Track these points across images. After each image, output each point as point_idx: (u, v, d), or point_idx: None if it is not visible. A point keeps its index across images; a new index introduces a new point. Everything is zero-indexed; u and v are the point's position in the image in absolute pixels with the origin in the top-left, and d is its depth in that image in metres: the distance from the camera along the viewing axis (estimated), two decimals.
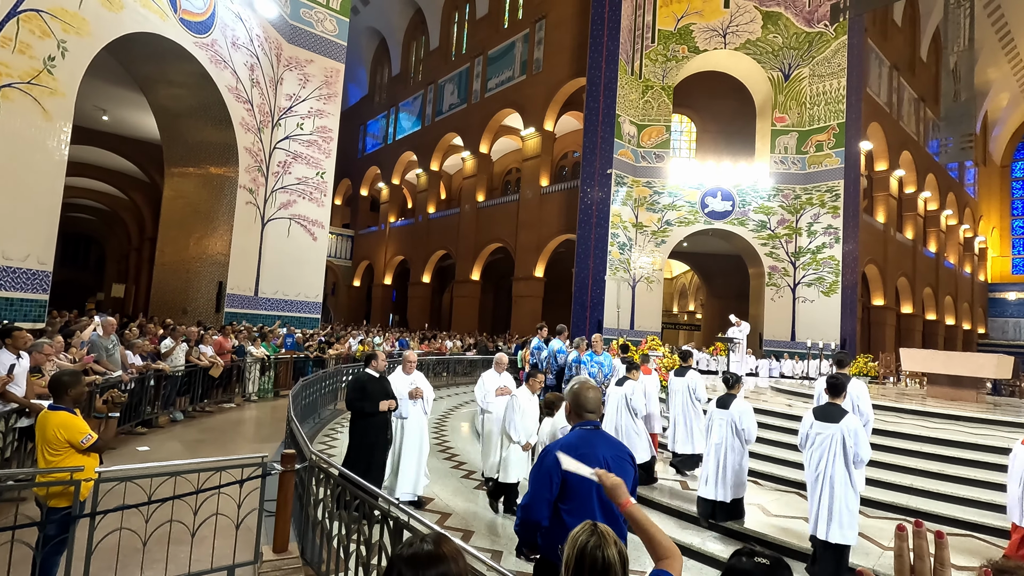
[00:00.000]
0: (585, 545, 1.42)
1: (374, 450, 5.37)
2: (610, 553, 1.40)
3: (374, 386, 5.42)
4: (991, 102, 33.67)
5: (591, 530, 1.46)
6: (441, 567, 1.12)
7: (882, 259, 23.36)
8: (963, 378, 9.72)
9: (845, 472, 4.18)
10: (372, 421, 5.35)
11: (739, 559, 1.44)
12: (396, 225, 32.60)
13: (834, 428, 4.28)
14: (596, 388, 2.73)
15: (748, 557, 1.43)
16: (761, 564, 1.39)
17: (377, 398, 5.33)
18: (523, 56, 24.14)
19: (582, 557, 1.41)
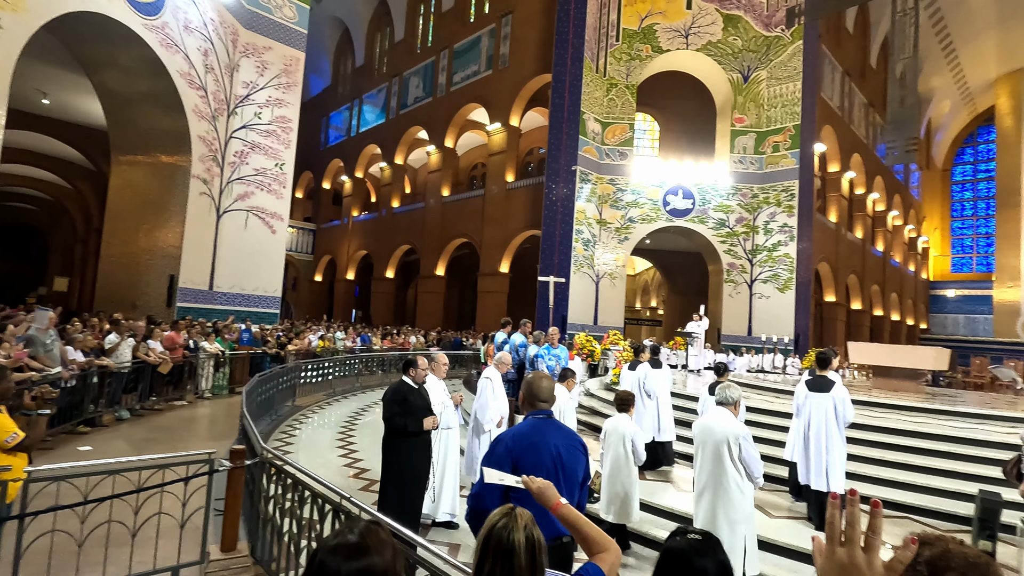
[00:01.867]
0: (494, 525, 1.42)
1: (418, 481, 4.57)
2: (516, 537, 1.38)
3: (416, 399, 4.49)
4: (934, 109, 35.38)
5: (507, 513, 1.45)
6: (365, 560, 1.04)
7: (834, 257, 24.30)
8: (905, 370, 10.21)
9: (837, 432, 4.98)
10: (414, 443, 4.52)
11: (673, 539, 1.48)
12: (359, 219, 32.03)
13: (826, 396, 5.09)
14: (550, 378, 2.74)
15: (681, 536, 1.47)
16: (694, 540, 1.43)
17: (420, 414, 4.50)
18: (489, 51, 24.02)
19: (488, 537, 1.41)
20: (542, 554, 1.44)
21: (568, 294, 18.43)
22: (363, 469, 6.81)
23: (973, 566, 1.13)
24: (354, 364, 14.14)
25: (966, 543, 1.21)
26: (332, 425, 9.30)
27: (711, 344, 17.52)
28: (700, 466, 3.94)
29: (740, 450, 3.75)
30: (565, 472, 2.62)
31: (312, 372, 12.27)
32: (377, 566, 1.04)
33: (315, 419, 9.82)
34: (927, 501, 5.73)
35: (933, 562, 1.19)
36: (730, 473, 3.75)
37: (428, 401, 4.68)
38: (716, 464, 3.81)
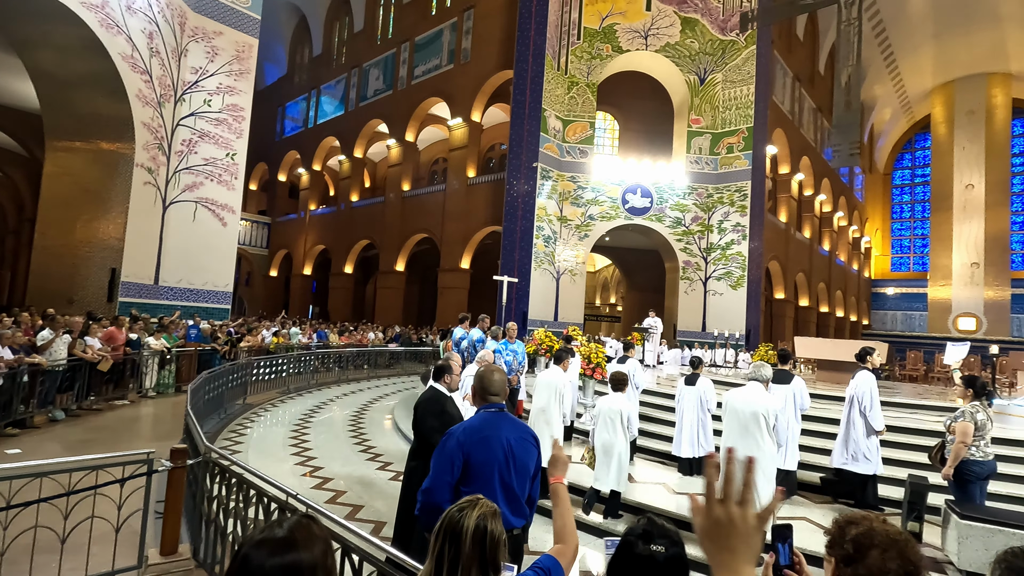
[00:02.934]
0: (453, 509, 1.45)
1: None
2: (467, 522, 1.40)
3: (453, 409, 4.04)
4: (876, 115, 37.21)
5: (471, 501, 1.47)
6: (291, 555, 0.99)
7: (783, 256, 25.25)
8: (847, 363, 10.69)
9: (795, 418, 5.77)
10: None
11: (635, 542, 1.36)
12: (317, 213, 31.25)
13: (787, 388, 5.91)
14: (501, 371, 2.73)
15: (645, 542, 1.35)
16: (659, 554, 1.33)
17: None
18: (451, 45, 23.79)
19: (444, 518, 1.45)
20: (495, 547, 1.43)
21: (529, 290, 18.51)
22: (317, 467, 6.66)
23: (893, 542, 1.20)
24: (310, 361, 13.81)
25: (888, 522, 1.29)
26: (285, 423, 9.05)
27: (666, 339, 17.95)
28: (731, 432, 4.75)
29: (776, 421, 4.63)
30: (516, 465, 2.63)
31: (265, 369, 11.90)
32: (304, 562, 0.99)
33: (267, 417, 9.53)
34: None
35: (858, 539, 1.25)
36: (762, 440, 4.54)
37: (460, 411, 4.18)
38: (748, 432, 4.57)
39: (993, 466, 4.60)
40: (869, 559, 1.20)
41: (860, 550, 1.22)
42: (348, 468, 6.70)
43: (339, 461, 6.98)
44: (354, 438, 8.32)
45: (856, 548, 1.22)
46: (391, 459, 7.28)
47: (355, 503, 5.50)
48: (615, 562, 1.40)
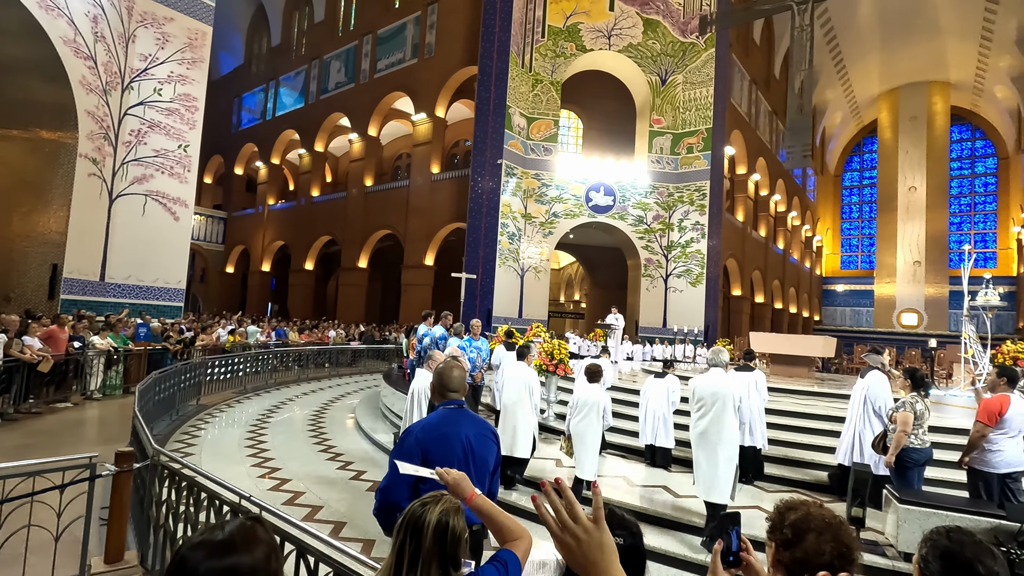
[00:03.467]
0: (415, 506, 1.45)
1: None
2: (428, 517, 1.41)
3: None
4: (828, 119, 38.75)
5: (435, 496, 1.48)
6: (229, 558, 0.95)
7: (740, 254, 26.03)
8: (798, 357, 11.14)
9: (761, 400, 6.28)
10: None
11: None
12: (276, 208, 30.41)
13: (750, 376, 6.47)
14: (461, 367, 2.72)
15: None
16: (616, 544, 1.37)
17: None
18: (415, 39, 23.51)
19: (406, 514, 1.44)
20: (456, 542, 1.44)
21: (493, 287, 18.51)
22: (274, 468, 6.49)
23: (828, 526, 1.27)
24: (268, 360, 13.44)
25: (824, 507, 1.35)
26: (242, 424, 8.79)
27: (628, 336, 18.25)
28: (701, 416, 4.88)
29: (740, 402, 4.91)
30: (476, 462, 2.62)
31: (221, 369, 11.52)
32: (242, 566, 0.95)
33: (223, 418, 9.24)
34: (813, 476, 6.31)
35: (796, 524, 1.31)
36: (730, 421, 4.77)
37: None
38: (715, 413, 4.78)
39: (930, 453, 4.86)
40: (806, 543, 1.27)
41: (798, 534, 1.28)
42: (307, 468, 6.56)
43: (298, 461, 6.83)
44: (314, 438, 8.16)
45: (794, 533, 1.29)
46: (352, 459, 7.17)
47: (314, 504, 5.39)
48: None
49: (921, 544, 1.33)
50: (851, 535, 1.29)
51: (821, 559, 1.25)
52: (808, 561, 1.26)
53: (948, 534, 1.30)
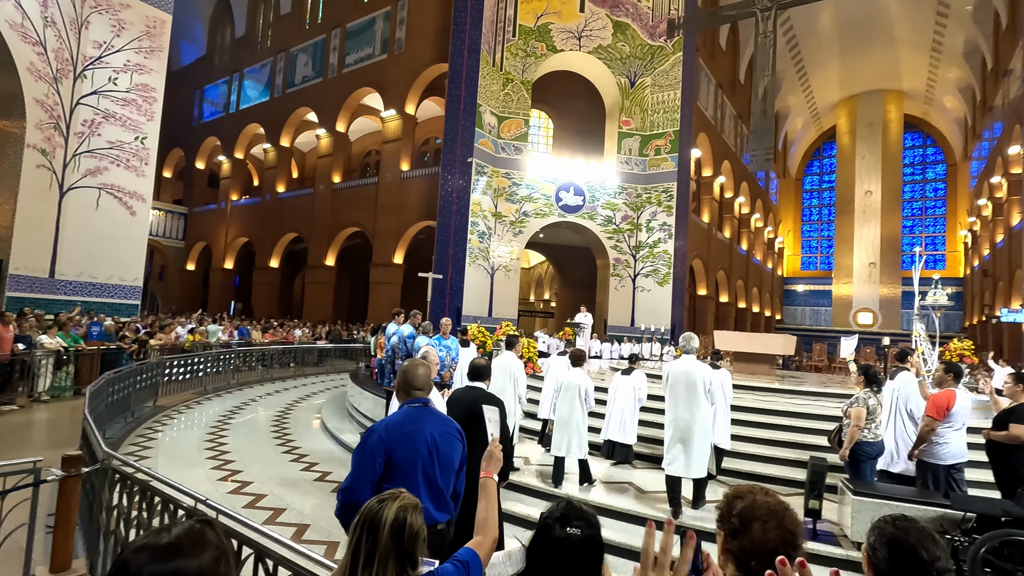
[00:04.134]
0: (372, 502, 1.44)
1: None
2: (385, 514, 1.39)
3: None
4: (789, 124, 39.93)
5: (393, 493, 1.46)
6: (174, 562, 0.90)
7: (706, 254, 26.60)
8: (760, 355, 11.44)
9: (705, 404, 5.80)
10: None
11: (552, 526, 1.39)
12: (239, 204, 29.60)
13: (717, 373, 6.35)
14: (426, 365, 2.69)
15: (561, 525, 1.38)
16: (573, 536, 1.36)
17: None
18: (384, 35, 23.21)
19: (363, 511, 1.43)
20: (414, 540, 1.43)
21: (463, 286, 18.44)
22: (235, 471, 6.31)
23: (773, 513, 1.31)
24: (230, 359, 13.07)
25: (771, 493, 1.39)
26: (201, 426, 8.52)
27: (597, 334, 18.44)
28: (675, 398, 5.23)
29: (711, 385, 5.23)
30: (441, 460, 2.60)
31: (180, 369, 11.14)
32: (188, 570, 0.90)
33: (181, 420, 8.94)
34: (774, 470, 6.49)
35: (743, 513, 1.35)
36: (702, 402, 5.13)
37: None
38: (691, 396, 5.15)
39: (882, 447, 5.06)
40: (752, 531, 1.30)
41: (745, 523, 1.32)
42: (270, 471, 6.40)
43: (260, 464, 6.66)
44: (278, 439, 7.97)
45: (741, 522, 1.32)
46: (318, 459, 7.04)
47: (276, 507, 5.26)
48: (534, 545, 1.43)
49: (869, 532, 1.38)
50: (796, 521, 1.33)
51: (767, 546, 1.28)
52: (755, 549, 1.29)
53: (894, 522, 1.35)
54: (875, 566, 1.34)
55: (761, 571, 1.28)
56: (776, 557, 1.21)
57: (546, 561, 1.40)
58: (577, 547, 1.36)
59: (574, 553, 1.36)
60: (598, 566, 1.41)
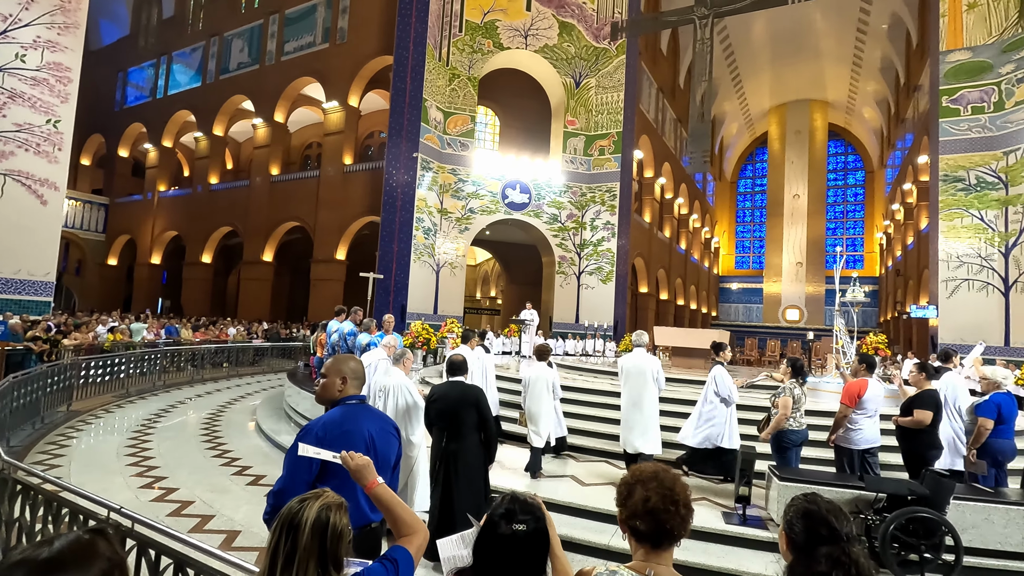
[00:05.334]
0: (293, 502, 1.38)
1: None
2: (306, 514, 1.34)
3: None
4: (725, 129, 41.71)
5: (312, 493, 1.41)
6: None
7: (647, 253, 27.40)
8: (696, 349, 11.91)
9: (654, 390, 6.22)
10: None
11: (498, 522, 1.40)
12: (168, 195, 27.92)
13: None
14: (357, 360, 2.61)
15: (507, 521, 1.39)
16: (520, 531, 1.37)
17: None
18: (326, 23, 22.47)
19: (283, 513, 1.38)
20: (337, 540, 1.38)
21: (407, 283, 18.16)
22: (159, 478, 5.94)
23: (653, 475, 1.41)
24: (156, 360, 12.30)
25: (660, 464, 1.49)
26: (122, 431, 7.97)
27: (543, 331, 18.63)
28: (628, 386, 5.99)
29: (659, 374, 6.01)
30: (379, 458, 2.54)
31: (98, 370, 10.37)
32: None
33: (99, 425, 8.33)
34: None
35: (627, 481, 1.45)
36: (649, 389, 5.92)
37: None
38: (642, 385, 5.91)
39: (806, 434, 5.37)
40: (635, 495, 1.39)
41: (630, 490, 1.40)
42: (198, 476, 6.07)
43: (187, 469, 6.30)
44: (208, 443, 7.57)
45: (628, 489, 1.40)
46: (251, 463, 6.73)
47: (204, 514, 4.99)
48: (480, 542, 1.43)
49: (786, 510, 1.48)
50: (675, 479, 1.41)
51: (648, 504, 1.36)
52: (637, 510, 1.37)
53: (806, 498, 1.48)
54: (793, 541, 1.42)
55: (646, 531, 1.36)
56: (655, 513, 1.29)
57: (493, 557, 1.39)
58: (523, 542, 1.37)
59: (520, 548, 1.37)
60: (544, 558, 1.42)
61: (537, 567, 1.40)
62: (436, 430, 4.28)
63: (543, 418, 6.00)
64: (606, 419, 7.82)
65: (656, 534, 1.37)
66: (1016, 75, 15.15)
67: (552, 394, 6.15)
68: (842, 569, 1.29)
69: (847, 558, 1.31)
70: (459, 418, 4.11)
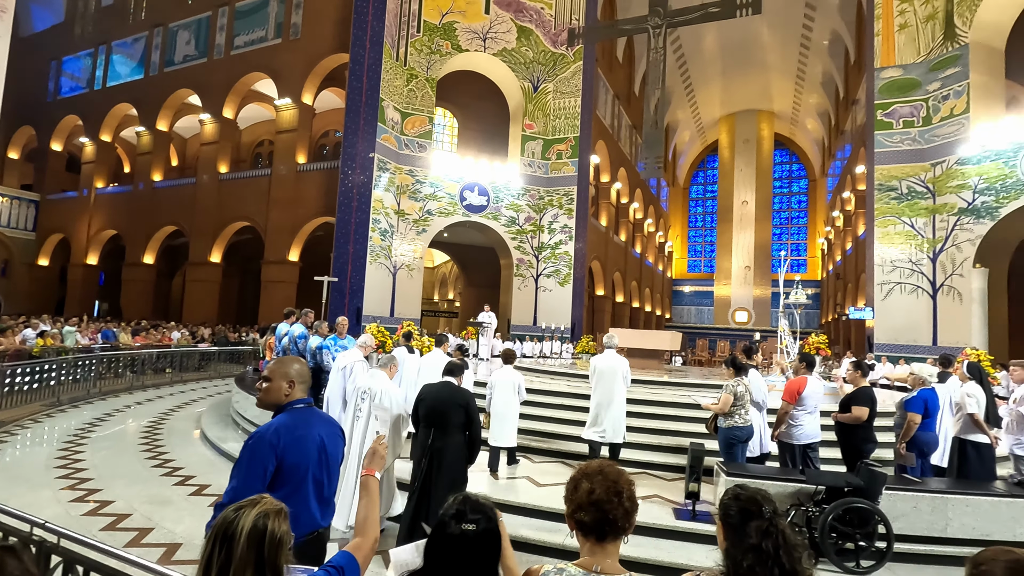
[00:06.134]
0: (228, 511, 1.33)
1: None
2: (241, 524, 1.29)
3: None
4: (678, 137, 42.96)
5: (249, 500, 1.36)
6: None
7: (604, 256, 27.87)
8: (651, 350, 12.19)
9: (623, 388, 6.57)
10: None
11: (448, 523, 1.39)
12: (106, 192, 26.49)
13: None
14: (300, 361, 2.55)
15: (457, 521, 1.38)
16: (469, 532, 1.36)
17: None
18: (279, 18, 21.85)
19: (217, 522, 1.33)
20: (275, 548, 1.32)
21: (363, 285, 17.83)
22: (93, 490, 5.60)
23: (598, 470, 1.46)
24: (91, 366, 11.61)
25: (607, 461, 1.54)
26: (51, 442, 7.48)
27: (501, 333, 18.65)
28: (600, 385, 6.42)
29: (628, 372, 6.52)
30: (329, 463, 2.50)
31: (24, 377, 9.71)
32: None
33: (26, 436, 7.79)
34: (663, 458, 6.90)
35: (574, 478, 1.49)
36: (620, 387, 6.39)
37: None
38: (613, 383, 6.36)
39: (751, 430, 5.58)
40: (580, 490, 1.44)
41: (576, 485, 1.45)
42: (136, 488, 5.76)
43: (124, 481, 5.97)
44: (148, 453, 7.20)
45: (574, 485, 1.44)
46: (194, 472, 6.44)
47: (142, 527, 4.74)
48: (430, 542, 1.42)
49: (721, 498, 1.57)
50: (619, 473, 1.47)
51: (593, 496, 1.41)
52: (582, 501, 1.42)
53: (738, 486, 1.60)
54: (729, 524, 1.50)
55: (590, 523, 1.40)
56: (599, 505, 1.33)
57: (443, 558, 1.38)
58: (473, 542, 1.37)
59: (470, 548, 1.37)
60: (495, 560, 1.42)
61: (488, 568, 1.39)
62: (423, 427, 4.39)
63: (509, 421, 6.20)
64: (563, 420, 7.89)
65: (600, 525, 1.40)
66: (942, 92, 16.24)
67: (518, 396, 6.34)
68: (771, 538, 1.37)
69: (774, 528, 1.39)
70: (446, 417, 4.30)
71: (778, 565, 1.33)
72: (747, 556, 1.36)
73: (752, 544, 1.37)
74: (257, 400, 2.50)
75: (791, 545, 1.37)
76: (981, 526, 4.69)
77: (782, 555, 1.34)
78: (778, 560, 1.34)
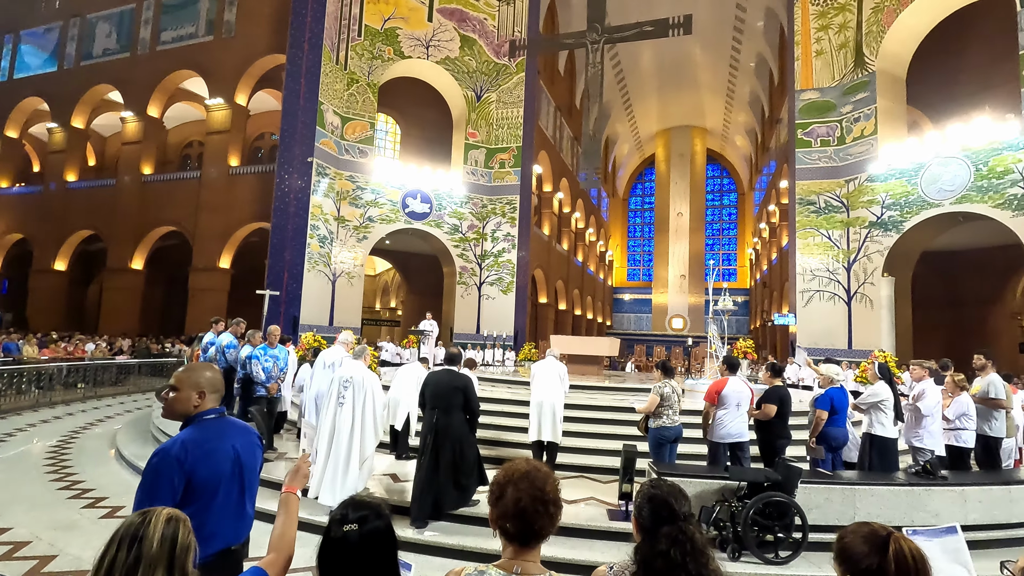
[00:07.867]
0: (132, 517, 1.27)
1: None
2: (152, 526, 1.23)
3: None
4: (618, 149, 44.36)
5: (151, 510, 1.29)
6: None
7: (547, 265, 28.27)
8: (590, 356, 12.46)
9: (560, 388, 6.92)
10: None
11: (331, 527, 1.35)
12: (11, 192, 24.40)
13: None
14: (213, 368, 2.44)
15: (339, 524, 1.34)
16: (352, 533, 1.32)
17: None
18: (210, 14, 20.97)
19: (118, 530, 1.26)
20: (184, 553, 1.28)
21: (300, 293, 17.25)
22: None
23: (524, 475, 1.47)
24: None
25: (531, 461, 1.56)
26: None
27: (443, 341, 18.50)
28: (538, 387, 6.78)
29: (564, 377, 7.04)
30: (245, 472, 2.39)
31: None
32: None
33: None
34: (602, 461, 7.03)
35: (498, 481, 1.50)
36: (556, 386, 6.81)
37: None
38: (550, 383, 6.79)
39: (679, 430, 5.80)
40: (506, 496, 1.44)
41: (501, 490, 1.46)
42: (38, 513, 5.29)
43: (25, 505, 5.47)
44: (53, 475, 6.64)
45: (499, 489, 1.46)
46: (107, 494, 5.99)
47: (44, 554, 4.36)
48: (320, 550, 1.37)
49: (636, 496, 1.60)
50: (546, 477, 1.48)
51: (519, 505, 1.41)
52: (508, 511, 1.42)
53: (651, 484, 1.62)
54: (641, 525, 1.54)
55: (514, 532, 1.42)
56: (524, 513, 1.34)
57: (331, 563, 1.35)
58: (359, 543, 1.32)
59: (357, 550, 1.32)
60: (391, 561, 1.39)
61: (384, 567, 1.36)
62: (428, 408, 5.17)
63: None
64: (506, 427, 7.92)
65: (524, 534, 1.42)
66: (854, 115, 17.62)
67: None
68: (679, 546, 1.42)
69: (684, 536, 1.44)
70: (448, 399, 5.13)
71: (685, 571, 1.39)
72: (656, 559, 1.42)
73: (661, 550, 1.42)
74: (162, 411, 2.36)
75: (698, 551, 1.42)
76: (885, 513, 5.07)
77: (689, 562, 1.40)
78: (685, 567, 1.39)
